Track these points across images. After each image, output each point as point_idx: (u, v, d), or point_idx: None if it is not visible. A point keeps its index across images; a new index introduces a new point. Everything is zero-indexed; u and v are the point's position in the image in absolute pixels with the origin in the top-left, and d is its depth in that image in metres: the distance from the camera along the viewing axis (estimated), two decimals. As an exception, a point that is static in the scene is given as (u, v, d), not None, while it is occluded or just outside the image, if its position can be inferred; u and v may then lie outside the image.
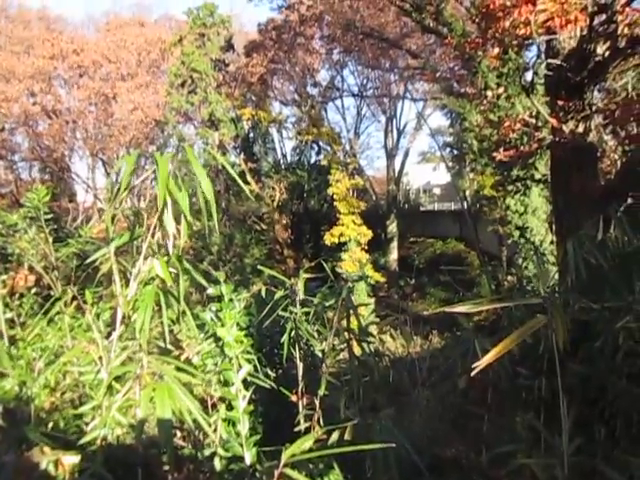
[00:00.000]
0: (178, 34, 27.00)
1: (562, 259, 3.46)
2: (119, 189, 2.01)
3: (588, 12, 5.55)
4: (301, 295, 3.20)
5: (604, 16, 5.66)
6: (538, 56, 7.53)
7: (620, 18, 5.21)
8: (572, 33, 5.88)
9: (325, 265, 3.60)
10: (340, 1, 22.15)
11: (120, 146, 32.51)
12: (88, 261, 2.23)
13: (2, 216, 5.60)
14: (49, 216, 5.69)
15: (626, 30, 5.25)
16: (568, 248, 3.10)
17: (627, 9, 5.22)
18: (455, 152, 30.27)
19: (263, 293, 3.76)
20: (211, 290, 2.96)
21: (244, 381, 2.73)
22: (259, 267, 4.40)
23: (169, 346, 2.48)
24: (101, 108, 31.75)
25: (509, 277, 18.08)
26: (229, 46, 27.34)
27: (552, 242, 14.24)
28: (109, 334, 2.45)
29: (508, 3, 5.80)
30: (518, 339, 2.18)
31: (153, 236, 2.08)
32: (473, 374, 2.09)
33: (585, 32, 5.77)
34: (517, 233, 15.90)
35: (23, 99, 29.56)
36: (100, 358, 2.36)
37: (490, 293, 5.18)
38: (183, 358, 2.92)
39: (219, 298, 2.92)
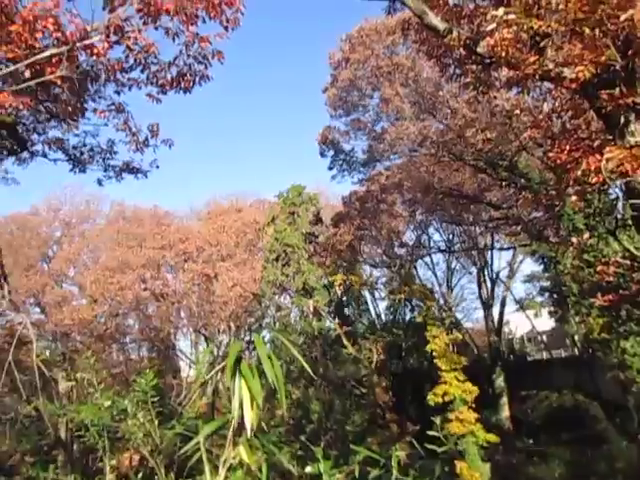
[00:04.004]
0: (271, 215, 29.50)
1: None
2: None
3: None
4: (396, 475, 3.05)
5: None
6: (621, 196, 7.49)
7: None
8: (649, 173, 5.84)
9: (416, 444, 3.45)
10: (417, 168, 23.62)
11: (221, 320, 34.15)
12: (182, 452, 2.34)
13: (115, 402, 6.00)
14: (156, 398, 6.01)
15: None
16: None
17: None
18: (555, 296, 28.94)
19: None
20: (309, 468, 2.92)
21: None
22: (352, 446, 4.26)
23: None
24: (203, 287, 34.13)
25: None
26: (317, 220, 29.36)
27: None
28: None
29: (576, 155, 6.00)
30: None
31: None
32: None
33: (662, 171, 5.73)
34: (641, 379, 14.37)
35: (135, 286, 32.54)
36: None
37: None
38: None
39: (318, 477, 2.87)
